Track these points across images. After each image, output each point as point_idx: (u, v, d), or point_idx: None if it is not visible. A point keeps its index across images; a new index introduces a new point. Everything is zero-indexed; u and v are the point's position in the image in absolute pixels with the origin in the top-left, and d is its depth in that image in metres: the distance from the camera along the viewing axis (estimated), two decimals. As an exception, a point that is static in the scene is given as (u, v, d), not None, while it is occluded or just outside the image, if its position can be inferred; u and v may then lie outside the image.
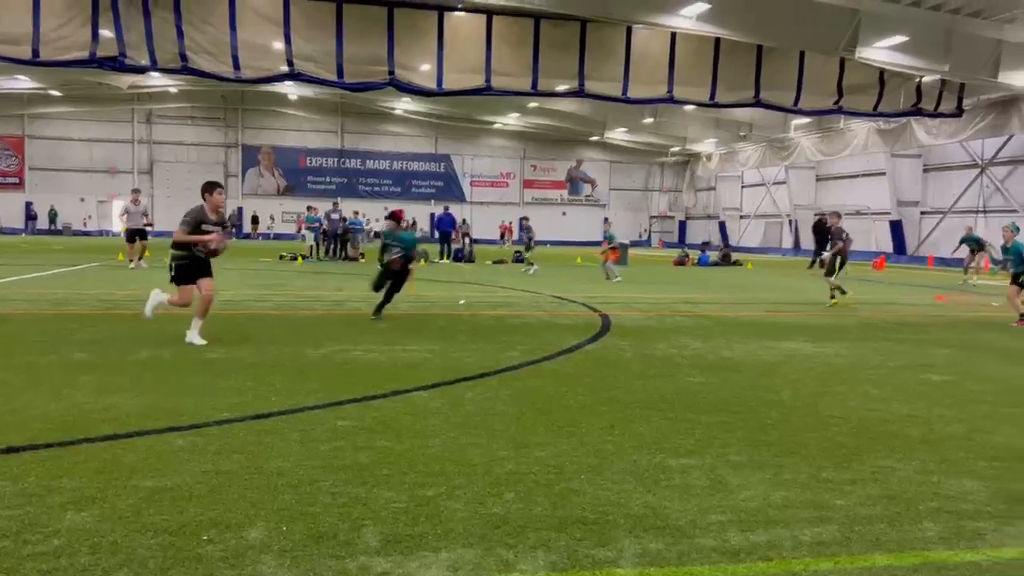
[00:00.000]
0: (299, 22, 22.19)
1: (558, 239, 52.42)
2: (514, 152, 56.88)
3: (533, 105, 44.63)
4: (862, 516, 3.73)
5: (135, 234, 19.06)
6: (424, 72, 23.75)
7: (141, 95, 48.42)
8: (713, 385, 6.78)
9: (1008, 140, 32.33)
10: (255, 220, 51.21)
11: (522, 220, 30.10)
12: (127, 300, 11.80)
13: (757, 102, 25.92)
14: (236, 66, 21.95)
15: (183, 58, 21.54)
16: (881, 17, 23.18)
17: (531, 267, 22.84)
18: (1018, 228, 13.26)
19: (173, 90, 47.51)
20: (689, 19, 22.81)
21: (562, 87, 24.94)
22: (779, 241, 48.77)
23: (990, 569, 3.20)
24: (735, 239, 51.58)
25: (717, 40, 24.33)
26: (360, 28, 22.79)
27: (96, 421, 5.01)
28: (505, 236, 48.36)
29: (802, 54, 25.37)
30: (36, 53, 20.59)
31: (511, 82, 24.35)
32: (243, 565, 3.01)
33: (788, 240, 47.40)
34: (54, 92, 45.68)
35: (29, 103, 47.75)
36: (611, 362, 7.79)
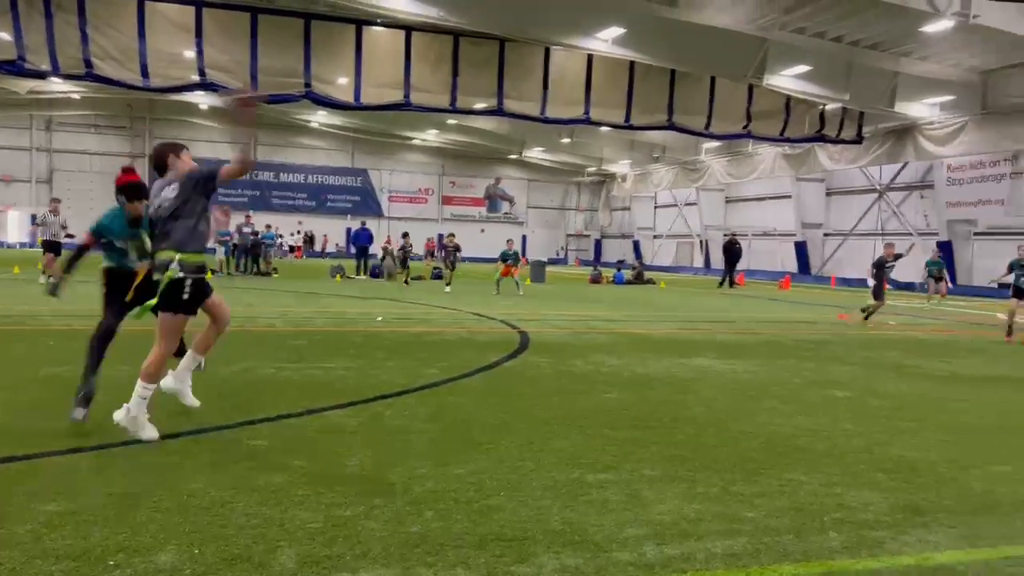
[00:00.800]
0: (212, 31, 21.72)
1: (477, 256, 52.56)
2: (433, 168, 56.83)
3: (452, 122, 44.76)
4: (771, 527, 3.86)
5: (51, 246, 18.17)
6: (341, 86, 23.56)
7: (41, 101, 46.24)
8: (629, 401, 6.90)
9: (903, 167, 34.15)
10: (163, 233, 49.49)
11: (443, 236, 30.08)
12: (27, 316, 11.24)
13: (670, 125, 26.69)
14: (144, 74, 21.30)
15: (88, 64, 20.78)
16: (787, 47, 24.24)
17: (448, 285, 22.80)
18: None
19: (76, 96, 45.60)
20: (605, 42, 23.36)
21: (481, 105, 25.13)
22: (690, 260, 50.14)
23: (889, 576, 3.36)
24: (649, 258, 52.78)
25: (632, 64, 24.99)
26: (276, 39, 22.48)
27: (-10, 443, 4.74)
28: (433, 253, 48.14)
29: (713, 80, 26.30)
30: (-74, 54, 19.56)
31: (430, 98, 24.39)
32: (151, 591, 2.90)
33: (699, 260, 48.78)
34: (-56, 95, 43.38)
35: (-84, 106, 45.20)
36: (529, 379, 7.84)
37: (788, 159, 36.64)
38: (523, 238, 56.96)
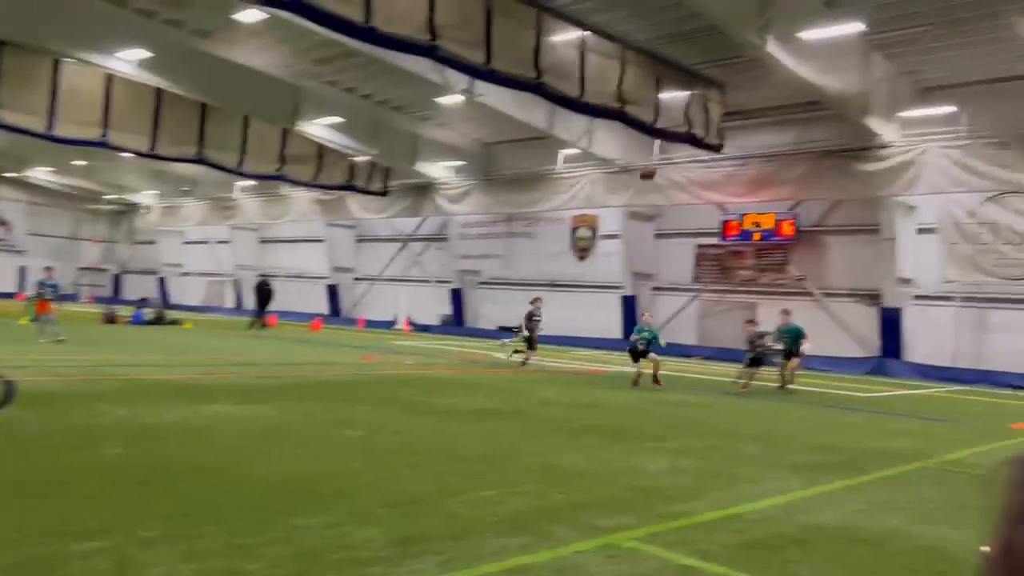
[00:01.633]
0: None
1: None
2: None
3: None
4: (272, 578, 3.81)
5: None
6: None
7: None
8: (133, 456, 6.32)
9: (424, 221, 37.49)
10: None
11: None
12: None
13: (200, 159, 25.64)
14: None
15: None
16: (320, 97, 25.13)
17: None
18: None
19: None
20: (129, 64, 21.70)
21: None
22: (221, 300, 48.49)
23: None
24: (176, 296, 49.74)
25: (160, 91, 23.54)
26: None
27: None
28: None
29: (247, 118, 25.99)
30: None
31: None
32: None
33: (231, 300, 47.42)
34: None
35: None
36: (12, 437, 6.74)
37: (322, 204, 37.73)
38: (21, 269, 49.30)
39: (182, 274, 52.15)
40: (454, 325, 35.00)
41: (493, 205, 30.99)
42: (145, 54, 21.36)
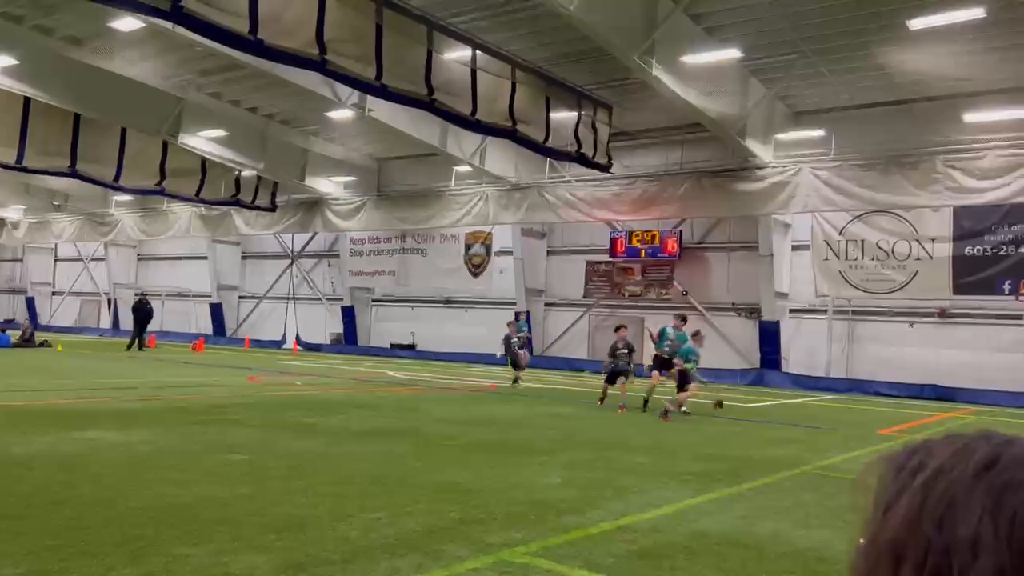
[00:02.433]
0: None
1: None
2: None
3: None
4: (150, 612, 3.62)
5: None
6: None
7: None
8: (-5, 488, 5.90)
9: (313, 236, 36.72)
10: None
11: None
12: None
13: (73, 172, 24.32)
14: None
15: None
16: (203, 109, 24.32)
17: None
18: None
19: None
20: (-8, 70, 20.46)
21: None
22: (97, 320, 46.03)
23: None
24: (46, 317, 46.88)
25: (28, 99, 22.23)
26: None
27: None
28: None
29: (124, 130, 24.85)
30: None
31: None
32: None
33: (107, 320, 45.07)
34: None
35: None
36: None
37: (205, 220, 36.42)
38: None
39: (53, 293, 49.27)
40: (346, 344, 34.38)
41: (386, 221, 30.70)
42: (10, 61, 20.17)
